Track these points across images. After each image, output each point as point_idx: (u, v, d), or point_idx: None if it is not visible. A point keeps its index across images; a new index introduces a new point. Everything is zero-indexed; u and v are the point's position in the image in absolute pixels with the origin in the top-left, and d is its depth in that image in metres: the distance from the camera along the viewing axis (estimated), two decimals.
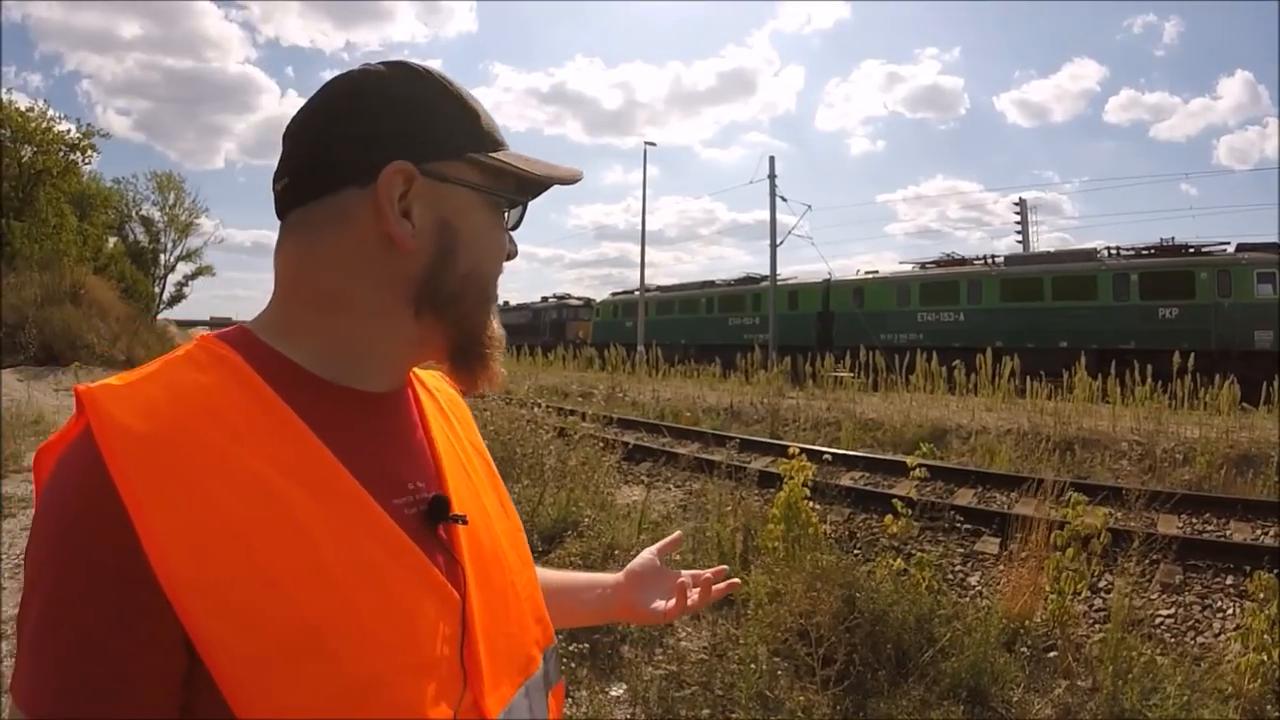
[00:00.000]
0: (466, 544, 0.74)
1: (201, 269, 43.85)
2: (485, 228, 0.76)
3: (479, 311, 0.77)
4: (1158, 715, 3.44)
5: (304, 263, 0.72)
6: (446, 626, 0.68)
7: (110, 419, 0.59)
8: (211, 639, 0.56)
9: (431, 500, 0.73)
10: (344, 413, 0.70)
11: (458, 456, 0.82)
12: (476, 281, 0.75)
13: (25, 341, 19.18)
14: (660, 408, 14.59)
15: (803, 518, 4.75)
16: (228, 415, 0.63)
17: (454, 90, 0.76)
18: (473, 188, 0.74)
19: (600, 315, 37.82)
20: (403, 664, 0.63)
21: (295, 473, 0.63)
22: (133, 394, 0.62)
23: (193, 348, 0.69)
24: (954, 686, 3.57)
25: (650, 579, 1.08)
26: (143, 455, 0.58)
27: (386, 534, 0.66)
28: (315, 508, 0.62)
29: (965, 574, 5.82)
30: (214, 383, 0.65)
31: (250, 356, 0.68)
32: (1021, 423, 10.67)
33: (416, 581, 0.67)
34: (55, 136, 27.07)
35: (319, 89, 0.75)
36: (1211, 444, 8.67)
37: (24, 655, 0.58)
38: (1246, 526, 6.46)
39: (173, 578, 0.55)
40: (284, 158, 0.74)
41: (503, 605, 0.77)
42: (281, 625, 0.58)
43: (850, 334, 23.21)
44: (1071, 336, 18.69)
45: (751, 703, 3.43)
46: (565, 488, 5.35)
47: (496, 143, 0.77)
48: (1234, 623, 4.74)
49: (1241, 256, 17.51)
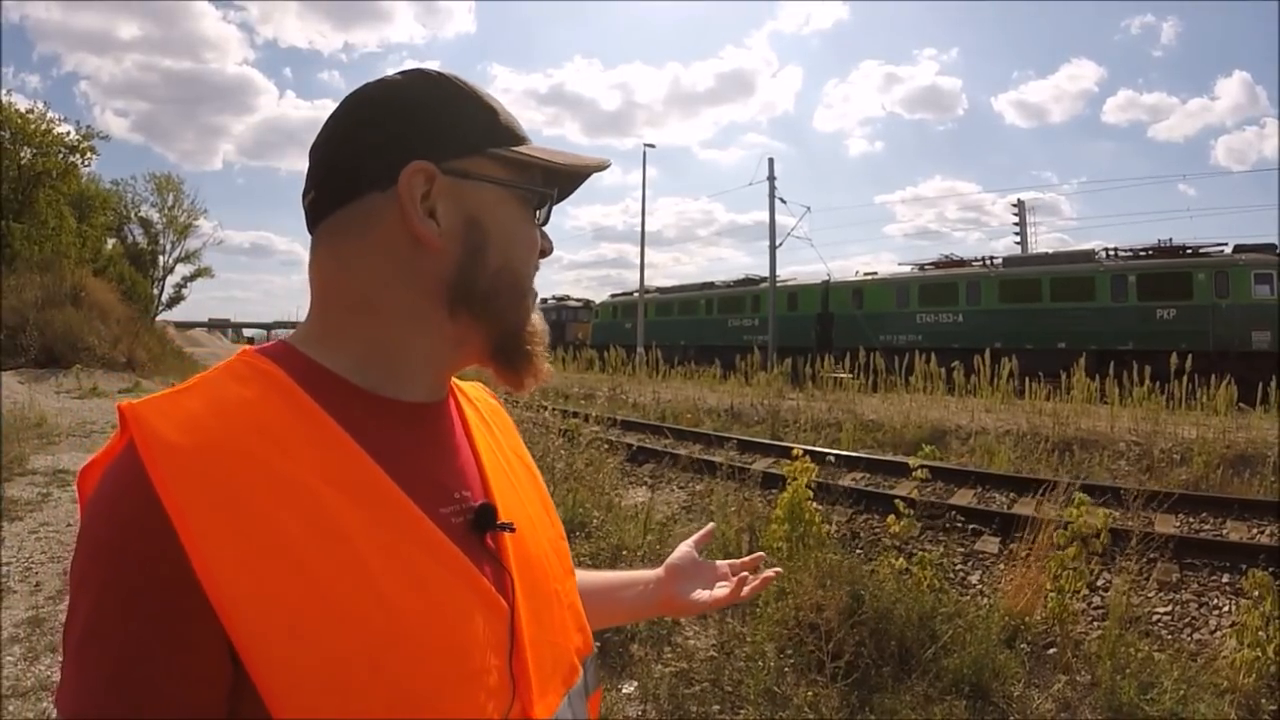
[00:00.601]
0: (514, 552, 0.74)
1: (200, 270, 43.87)
2: (514, 222, 0.75)
3: (516, 308, 0.76)
4: (1155, 710, 3.52)
5: (334, 271, 0.72)
6: (495, 636, 0.68)
7: (153, 433, 0.59)
8: (257, 649, 0.56)
9: (478, 509, 0.73)
10: (387, 422, 0.70)
11: (501, 464, 0.82)
12: (509, 277, 0.75)
13: (26, 344, 19.19)
14: (661, 409, 14.65)
15: (806, 517, 4.83)
16: (270, 427, 0.63)
17: (469, 89, 0.76)
18: (497, 183, 0.74)
19: (600, 317, 37.88)
20: (452, 674, 0.63)
21: (340, 482, 0.62)
22: (175, 408, 0.62)
23: (233, 362, 0.69)
24: (956, 682, 3.65)
25: (690, 571, 1.09)
26: (186, 468, 0.58)
27: (434, 543, 0.66)
28: (361, 517, 0.62)
29: (966, 573, 5.91)
30: (256, 395, 0.65)
31: (291, 369, 0.68)
32: (1020, 423, 10.74)
33: (465, 590, 0.67)
34: (55, 138, 27.10)
35: (339, 103, 0.76)
36: (1209, 444, 8.74)
37: (69, 665, 0.58)
38: (1243, 526, 6.53)
39: (218, 588, 0.55)
40: (309, 172, 0.74)
41: (548, 614, 0.77)
42: (328, 636, 0.57)
43: (849, 335, 23.31)
44: (1070, 337, 18.79)
45: (760, 699, 3.50)
46: (573, 489, 5.43)
47: (518, 137, 0.77)
48: (1230, 620, 4.81)
49: (1239, 257, 17.59)
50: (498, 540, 0.74)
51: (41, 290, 21.16)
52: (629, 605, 1.10)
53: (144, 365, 22.66)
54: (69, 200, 28.19)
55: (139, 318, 26.56)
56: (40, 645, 4.13)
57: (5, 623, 4.39)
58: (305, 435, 0.64)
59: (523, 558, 0.75)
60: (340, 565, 0.59)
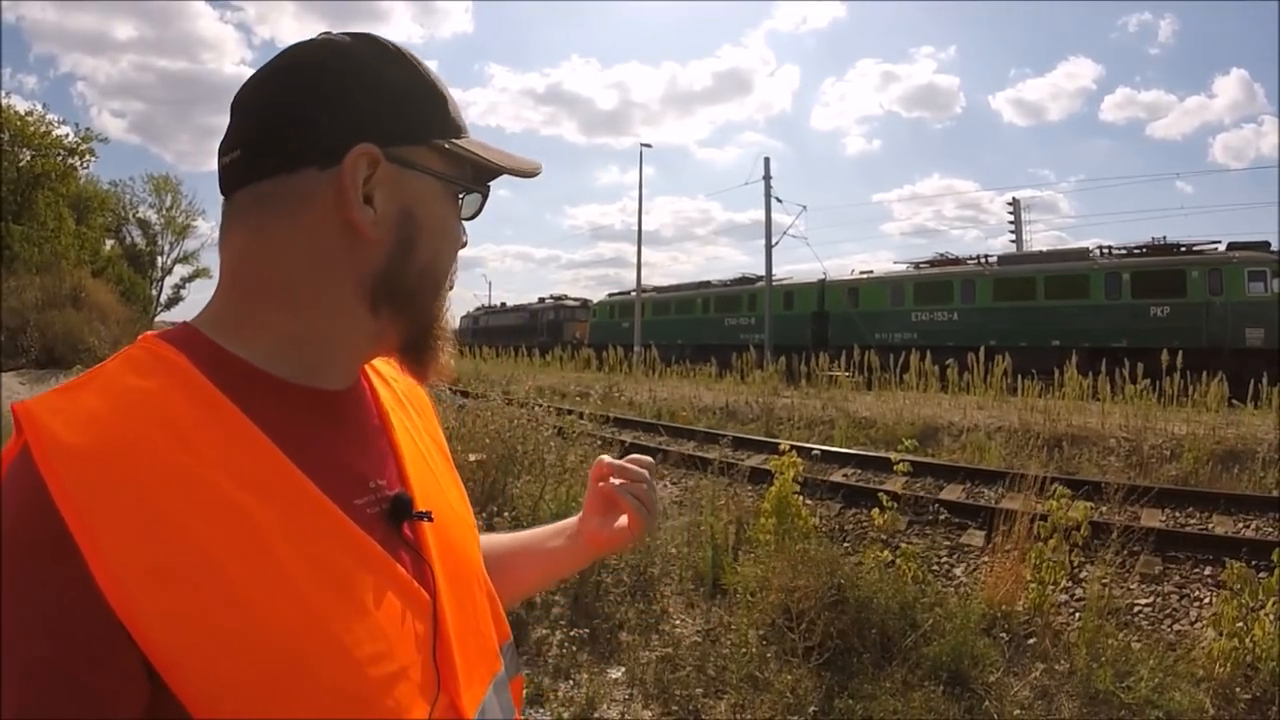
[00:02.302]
0: (434, 541, 0.72)
1: (199, 271, 43.87)
2: (445, 218, 0.73)
3: (433, 305, 0.74)
4: (1130, 697, 3.60)
5: (253, 251, 0.67)
6: (418, 628, 0.66)
7: (48, 435, 0.55)
8: (175, 664, 0.52)
9: (394, 498, 0.70)
10: (300, 413, 0.67)
11: (419, 451, 0.79)
12: (433, 275, 0.73)
13: (27, 345, 19.29)
14: (657, 407, 14.74)
15: (793, 510, 4.91)
16: (174, 422, 0.58)
17: (422, 71, 0.72)
18: (436, 175, 0.71)
19: (597, 316, 37.91)
20: (375, 670, 0.61)
21: (251, 482, 0.59)
22: (71, 406, 0.57)
23: (134, 349, 0.64)
24: (935, 669, 3.74)
25: (603, 505, 0.99)
26: (85, 473, 0.53)
27: (349, 538, 0.63)
28: (273, 515, 0.59)
29: (951, 565, 5.99)
30: (158, 388, 0.60)
31: (197, 357, 0.63)
32: (1012, 420, 10.83)
33: (384, 584, 0.64)
34: (54, 141, 27.22)
35: (276, 56, 0.70)
36: (1199, 440, 8.84)
37: None
38: (1229, 520, 6.62)
39: (127, 603, 0.51)
40: (233, 129, 0.69)
41: (471, 602, 0.76)
42: (249, 645, 0.55)
43: (845, 334, 23.38)
44: (1064, 335, 18.84)
45: (743, 684, 3.60)
46: (565, 483, 5.51)
47: (459, 128, 0.74)
48: (1210, 611, 4.90)
49: (1232, 255, 17.67)
50: (416, 530, 0.71)
51: (41, 291, 21.28)
52: (565, 555, 1.01)
53: None
54: (68, 202, 28.27)
55: (138, 319, 26.63)
56: None
57: None
58: (211, 430, 0.60)
59: (444, 546, 0.73)
60: (253, 567, 0.56)
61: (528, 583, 1.06)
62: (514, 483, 5.48)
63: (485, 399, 6.52)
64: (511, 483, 5.47)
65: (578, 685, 3.67)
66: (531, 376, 15.25)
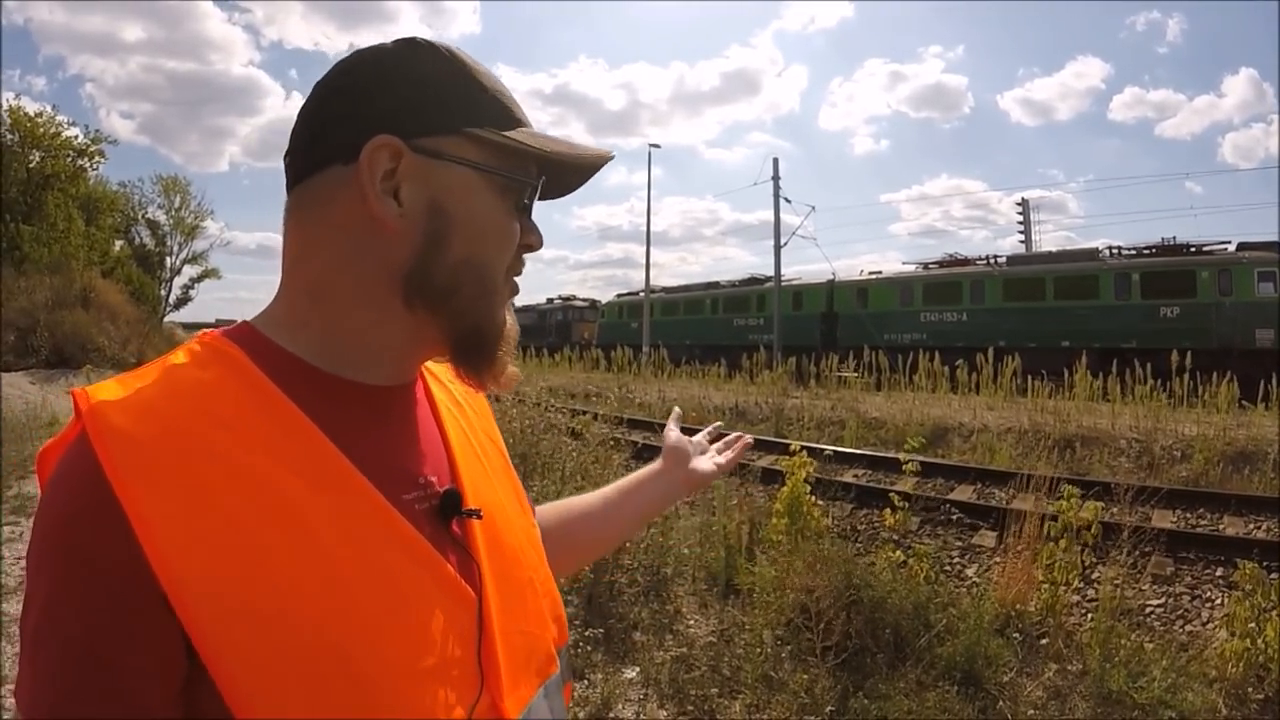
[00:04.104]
0: (483, 539, 0.72)
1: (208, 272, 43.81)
2: (486, 211, 0.69)
3: (480, 304, 0.70)
4: (1143, 697, 3.62)
5: (297, 249, 0.69)
6: (461, 626, 0.66)
7: (105, 420, 0.57)
8: (213, 642, 0.54)
9: (444, 494, 0.70)
10: (351, 407, 0.67)
11: (473, 449, 0.79)
12: (473, 272, 0.69)
13: (37, 345, 19.38)
14: (666, 408, 14.73)
15: (805, 511, 4.93)
16: (228, 412, 0.61)
17: (459, 61, 0.70)
18: (472, 166, 0.68)
19: (605, 316, 37.93)
20: (414, 666, 0.61)
21: (300, 469, 0.61)
22: (129, 394, 0.60)
23: (194, 344, 0.67)
24: (949, 669, 3.76)
25: (684, 451, 1.17)
26: (139, 456, 0.56)
27: (396, 531, 0.64)
28: (321, 505, 0.60)
29: (963, 566, 5.99)
30: (214, 379, 0.63)
31: (253, 351, 0.66)
32: (1022, 421, 10.80)
33: (428, 579, 0.65)
34: (63, 142, 27.33)
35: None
36: (1209, 441, 8.81)
37: (24, 657, 0.57)
38: (1240, 521, 6.60)
39: (173, 580, 0.54)
40: (292, 131, 0.71)
41: (520, 603, 0.74)
42: (287, 627, 0.56)
43: (854, 334, 23.35)
44: (1073, 336, 18.80)
45: (757, 683, 3.62)
46: (580, 486, 5.54)
47: (509, 119, 0.71)
48: (1222, 612, 4.90)
49: (1242, 256, 17.61)
50: (465, 527, 0.71)
51: (51, 292, 21.36)
52: (649, 501, 1.14)
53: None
54: (77, 203, 28.39)
55: (148, 319, 26.75)
56: None
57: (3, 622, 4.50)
58: (263, 420, 0.62)
59: (493, 545, 0.73)
60: (299, 554, 0.58)
61: (611, 537, 1.18)
62: (531, 484, 5.51)
63: (499, 400, 6.56)
64: (529, 484, 5.49)
65: (593, 685, 3.70)
66: (541, 377, 15.25)
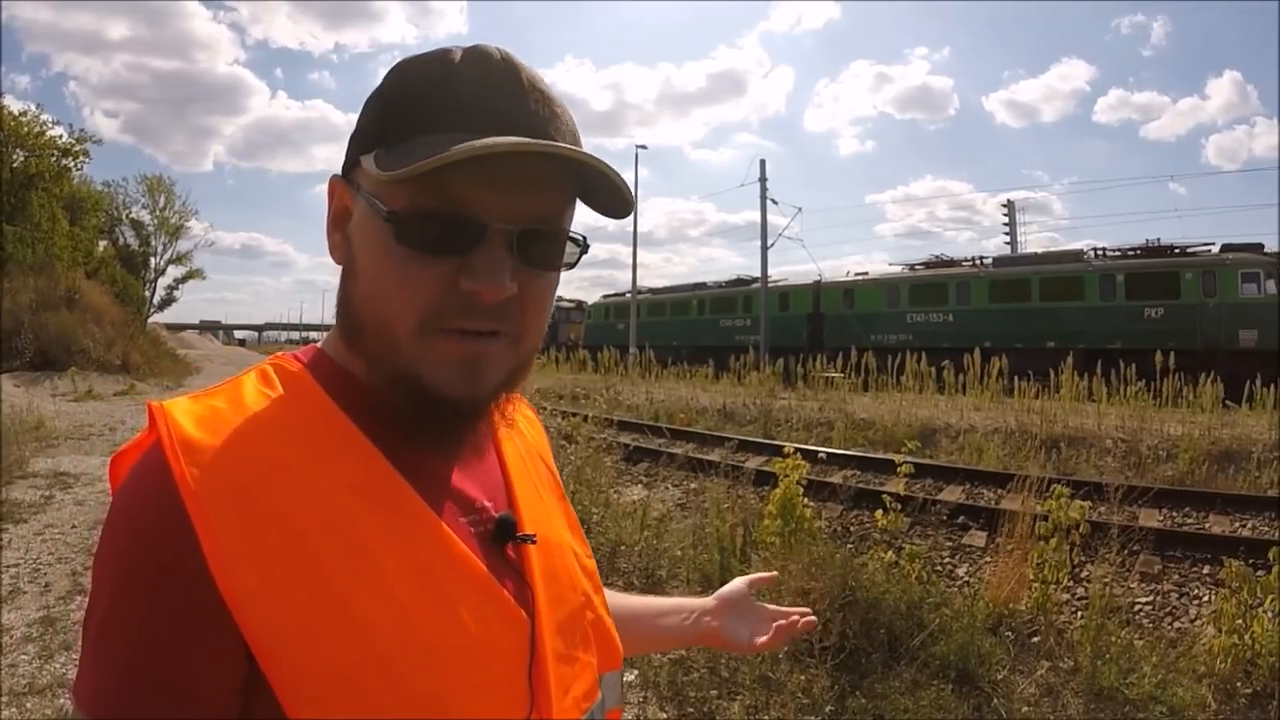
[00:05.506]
0: (538, 565, 0.72)
1: (192, 272, 43.47)
2: (374, 248, 0.64)
3: (387, 352, 0.64)
4: (1134, 693, 3.67)
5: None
6: (512, 647, 0.67)
7: (178, 431, 0.60)
8: (270, 649, 0.56)
9: (499, 520, 0.71)
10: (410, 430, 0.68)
11: (529, 475, 0.80)
12: (373, 314, 0.65)
13: (22, 347, 19.23)
14: (654, 409, 14.75)
15: (798, 513, 4.97)
16: (292, 429, 0.63)
17: (432, 71, 0.65)
18: (364, 197, 0.65)
19: (592, 317, 37.96)
20: (467, 684, 0.62)
21: (359, 488, 0.62)
22: (201, 407, 0.63)
23: (265, 365, 0.69)
24: (943, 668, 3.79)
25: (741, 608, 1.07)
26: (207, 466, 0.58)
27: (450, 551, 0.65)
28: (378, 522, 0.61)
29: (954, 566, 6.04)
30: (280, 397, 0.65)
31: (316, 371, 0.68)
32: (1009, 421, 10.88)
33: (481, 600, 0.65)
34: (47, 142, 27.11)
35: None
36: (1194, 441, 8.92)
37: (87, 656, 0.59)
38: (1225, 519, 6.69)
39: (234, 587, 0.56)
40: None
41: (572, 628, 0.75)
42: (342, 640, 0.57)
43: (841, 335, 23.50)
44: (1059, 337, 18.99)
45: (756, 684, 3.65)
46: (575, 489, 5.57)
47: (411, 130, 0.63)
48: (1209, 609, 4.96)
49: (1226, 257, 17.84)
50: (520, 552, 0.72)
51: (36, 293, 21.19)
52: (676, 632, 1.07)
53: (139, 368, 22.71)
54: (62, 203, 28.15)
55: (132, 320, 26.58)
56: (54, 644, 4.24)
57: (19, 623, 4.50)
58: (326, 439, 0.64)
59: (547, 571, 0.73)
60: (355, 569, 0.59)
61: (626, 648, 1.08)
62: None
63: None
64: None
65: None
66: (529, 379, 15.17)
